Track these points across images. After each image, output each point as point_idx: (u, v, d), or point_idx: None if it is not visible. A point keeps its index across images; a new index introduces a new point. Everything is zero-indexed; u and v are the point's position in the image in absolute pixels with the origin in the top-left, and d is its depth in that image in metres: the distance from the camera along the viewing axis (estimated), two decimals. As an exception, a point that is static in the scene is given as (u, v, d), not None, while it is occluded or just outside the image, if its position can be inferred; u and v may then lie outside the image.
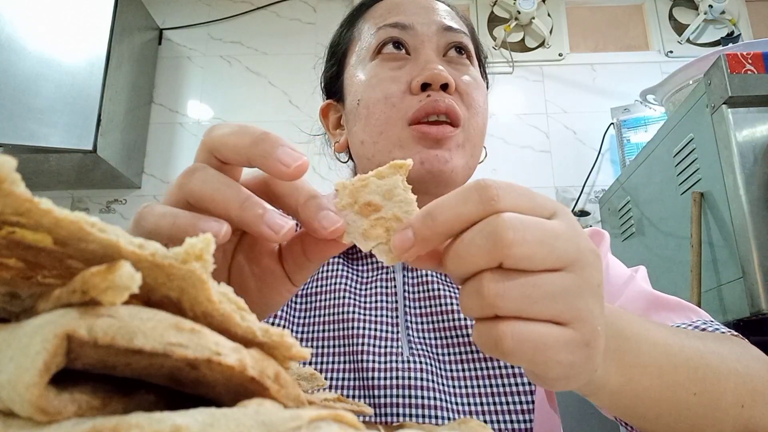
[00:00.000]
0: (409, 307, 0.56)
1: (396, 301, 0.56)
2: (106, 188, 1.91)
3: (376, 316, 0.55)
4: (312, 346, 0.54)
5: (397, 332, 0.54)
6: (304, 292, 0.58)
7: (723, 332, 0.50)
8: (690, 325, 0.51)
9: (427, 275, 0.57)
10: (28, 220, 0.16)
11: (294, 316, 0.57)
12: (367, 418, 0.48)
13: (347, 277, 0.58)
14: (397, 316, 0.55)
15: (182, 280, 0.19)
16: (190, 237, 0.18)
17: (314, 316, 0.56)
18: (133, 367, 0.17)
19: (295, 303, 0.58)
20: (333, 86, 0.67)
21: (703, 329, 0.50)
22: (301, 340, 0.55)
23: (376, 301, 0.56)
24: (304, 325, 0.56)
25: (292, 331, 0.56)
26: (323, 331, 0.55)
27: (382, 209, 0.29)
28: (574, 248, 0.26)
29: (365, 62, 0.60)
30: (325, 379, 0.51)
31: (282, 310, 0.56)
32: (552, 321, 0.25)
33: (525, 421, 0.49)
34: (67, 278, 0.18)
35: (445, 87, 0.55)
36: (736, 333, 0.50)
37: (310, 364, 0.53)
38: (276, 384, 0.19)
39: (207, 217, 0.27)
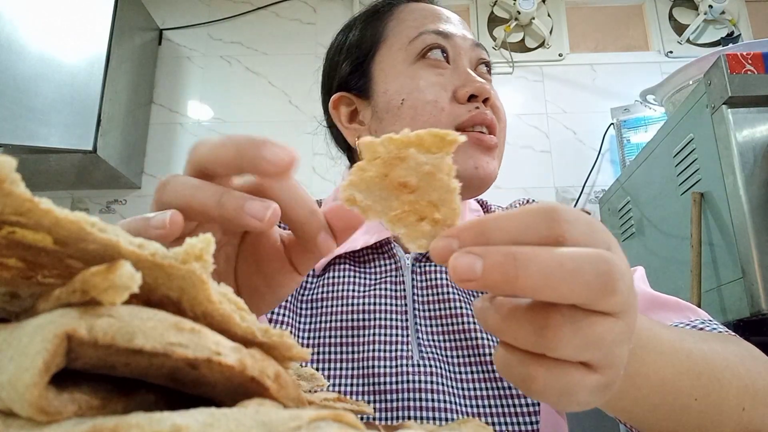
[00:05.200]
0: (419, 310, 0.56)
1: (405, 304, 0.56)
2: (106, 188, 1.91)
3: (385, 319, 0.55)
4: (319, 352, 0.54)
5: (407, 335, 0.54)
6: (310, 297, 0.58)
7: (721, 332, 0.50)
8: (688, 324, 0.51)
9: (436, 279, 0.58)
10: (28, 220, 0.16)
11: (300, 322, 0.56)
12: (368, 418, 0.48)
13: (355, 282, 0.58)
14: (406, 320, 0.55)
15: (182, 280, 0.19)
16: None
17: (321, 322, 0.56)
18: (133, 367, 0.17)
19: (301, 309, 0.57)
20: (351, 81, 0.65)
21: (701, 329, 0.49)
22: (307, 346, 0.54)
23: (385, 304, 0.56)
24: (310, 330, 0.56)
25: (298, 337, 0.55)
26: (331, 337, 0.55)
27: (416, 191, 0.25)
28: (633, 291, 0.24)
29: (406, 63, 0.61)
30: (333, 385, 0.51)
31: (287, 317, 0.56)
32: (584, 363, 0.23)
33: (531, 423, 0.50)
34: (67, 278, 0.18)
35: (485, 100, 0.59)
36: (733, 333, 0.50)
37: (318, 370, 0.53)
38: (276, 384, 0.19)
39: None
